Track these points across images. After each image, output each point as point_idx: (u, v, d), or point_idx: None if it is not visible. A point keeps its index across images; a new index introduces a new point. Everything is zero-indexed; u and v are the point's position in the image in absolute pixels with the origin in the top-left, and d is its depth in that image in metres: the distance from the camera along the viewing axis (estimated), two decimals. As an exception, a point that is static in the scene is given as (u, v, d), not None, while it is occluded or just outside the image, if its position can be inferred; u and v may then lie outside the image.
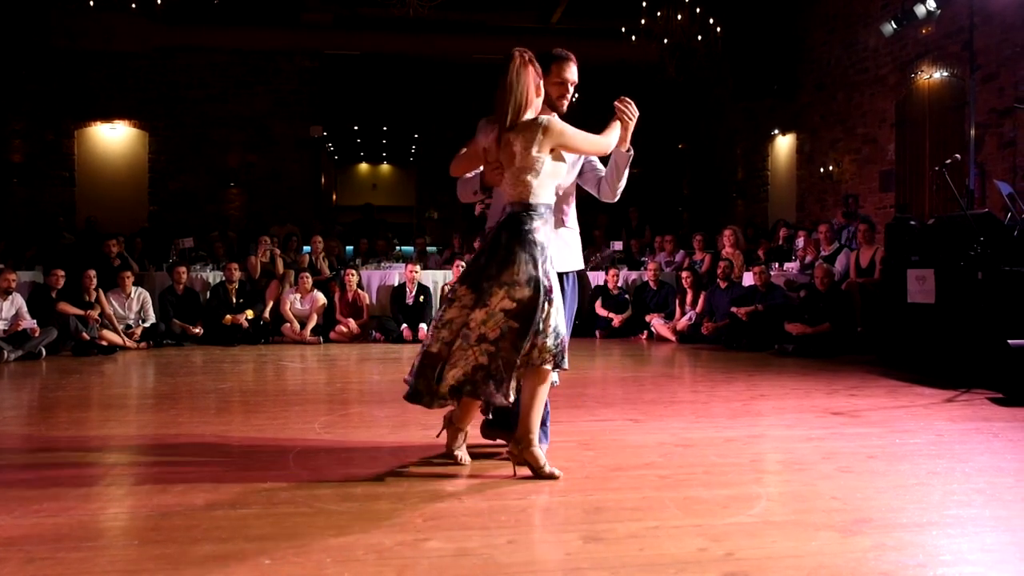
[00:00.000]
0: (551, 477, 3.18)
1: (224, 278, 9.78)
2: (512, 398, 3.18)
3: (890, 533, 2.58)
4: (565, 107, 3.46)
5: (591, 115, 3.70)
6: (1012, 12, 8.46)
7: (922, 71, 9.95)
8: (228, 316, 9.35)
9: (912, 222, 7.40)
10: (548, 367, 3.20)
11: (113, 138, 14.68)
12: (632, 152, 3.52)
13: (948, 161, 6.73)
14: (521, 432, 3.22)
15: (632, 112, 3.46)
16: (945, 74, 9.62)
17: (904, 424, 4.40)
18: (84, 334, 8.33)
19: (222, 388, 5.97)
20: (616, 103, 3.46)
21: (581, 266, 3.66)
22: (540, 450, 3.26)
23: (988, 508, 2.86)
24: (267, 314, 9.73)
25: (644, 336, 9.92)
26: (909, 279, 6.75)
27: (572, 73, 3.47)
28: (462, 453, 3.49)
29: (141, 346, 8.88)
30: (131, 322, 9.08)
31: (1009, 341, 5.29)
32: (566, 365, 3.23)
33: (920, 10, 9.00)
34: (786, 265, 9.86)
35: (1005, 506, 2.88)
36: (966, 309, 6.08)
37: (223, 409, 5.04)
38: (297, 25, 14.38)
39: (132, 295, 9.17)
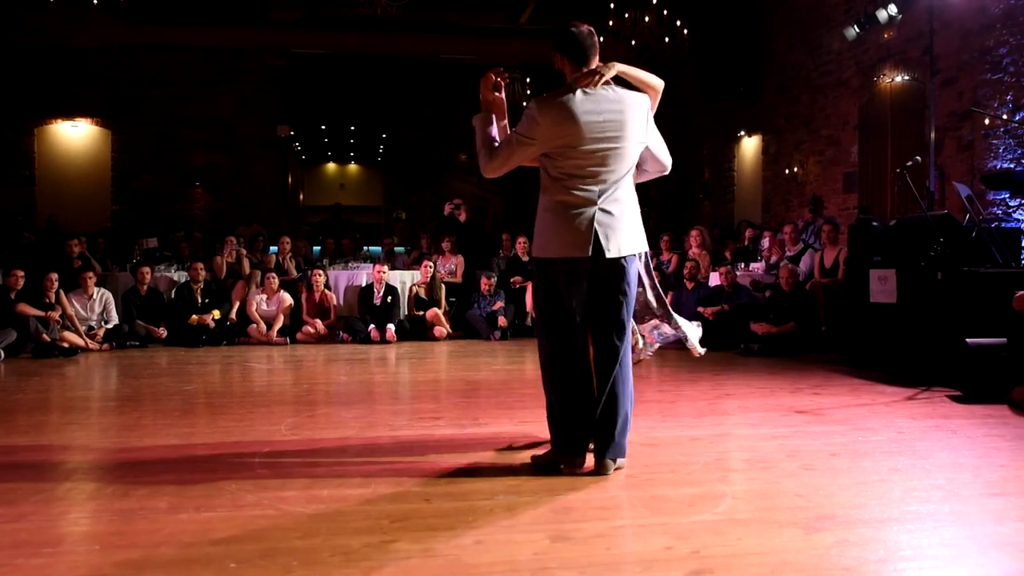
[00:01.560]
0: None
1: (189, 278, 9.68)
2: None
3: (852, 529, 2.62)
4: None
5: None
6: (970, 18, 8.62)
7: (884, 75, 10.10)
8: (193, 317, 9.25)
9: (874, 223, 7.51)
10: None
11: (75, 136, 14.47)
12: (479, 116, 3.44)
13: (909, 163, 6.84)
14: None
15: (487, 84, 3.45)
16: (906, 78, 9.77)
17: (866, 422, 4.46)
18: (44, 336, 8.19)
19: (187, 390, 5.90)
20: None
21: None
22: None
23: (947, 504, 2.91)
24: (233, 315, 9.64)
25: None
26: (871, 279, 6.86)
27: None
28: None
29: (104, 348, 8.76)
30: (93, 323, 8.94)
31: (968, 340, 5.39)
32: None
33: (882, 15, 9.14)
34: (752, 265, 9.97)
35: (963, 501, 2.94)
36: (926, 309, 6.18)
37: (188, 411, 4.99)
38: (264, 23, 14.24)
39: (94, 296, 9.04)
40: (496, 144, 3.36)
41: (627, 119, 3.25)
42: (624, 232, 3.27)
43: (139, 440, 4.07)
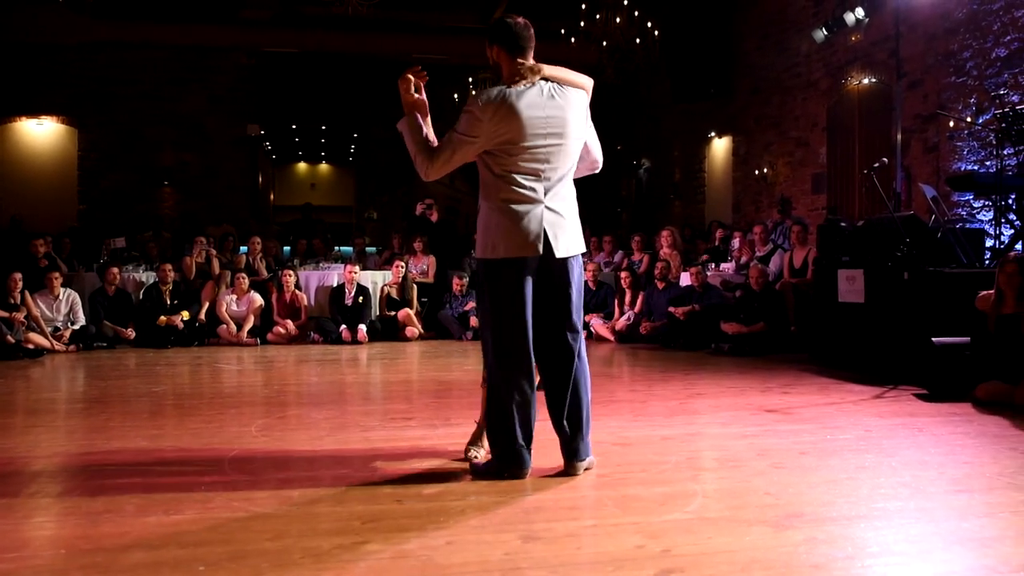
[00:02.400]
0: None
1: (158, 279, 9.57)
2: None
3: (821, 527, 2.65)
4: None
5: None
6: (935, 22, 8.76)
7: (852, 77, 10.23)
8: (162, 318, 9.15)
9: (842, 224, 7.60)
10: None
11: (40, 134, 14.26)
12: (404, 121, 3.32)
13: (876, 165, 6.93)
14: None
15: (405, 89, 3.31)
16: (873, 80, 9.90)
17: (835, 420, 4.51)
18: (9, 337, 8.05)
19: (156, 391, 5.84)
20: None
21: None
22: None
23: (913, 500, 2.95)
24: (202, 315, 9.55)
25: (583, 336, 9.98)
26: (839, 279, 6.93)
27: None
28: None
29: (70, 349, 8.64)
30: (59, 324, 8.82)
31: (933, 339, 5.47)
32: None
33: (850, 18, 9.25)
34: (722, 265, 10.04)
35: (929, 498, 2.98)
36: (893, 308, 6.26)
37: (156, 413, 4.94)
38: (234, 22, 14.12)
39: (60, 296, 8.91)
40: (433, 145, 3.26)
41: (569, 115, 3.20)
42: (570, 231, 3.25)
43: (106, 443, 4.02)
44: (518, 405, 3.20)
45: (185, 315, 9.27)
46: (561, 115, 3.18)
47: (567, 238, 3.23)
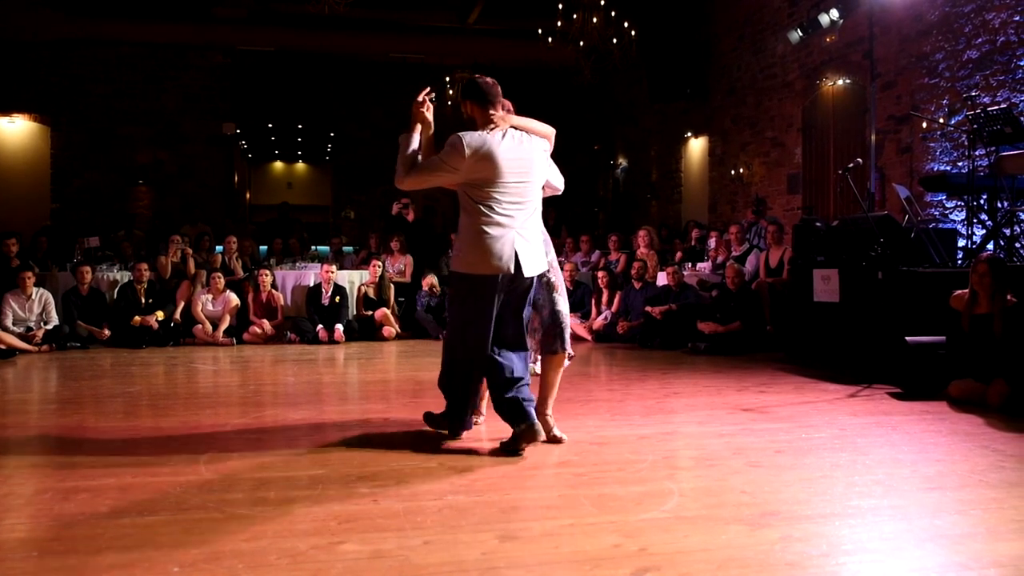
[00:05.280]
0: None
1: (133, 278, 9.48)
2: None
3: (796, 525, 2.67)
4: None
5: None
6: (908, 24, 8.85)
7: (826, 78, 10.31)
8: (137, 317, 9.06)
9: (818, 224, 7.66)
10: None
11: (11, 132, 14.09)
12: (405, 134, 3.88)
13: (850, 165, 6.99)
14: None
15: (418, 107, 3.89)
16: (848, 81, 9.99)
17: (810, 419, 4.55)
18: (-20, 337, 7.96)
19: (130, 392, 5.78)
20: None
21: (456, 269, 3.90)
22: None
23: (887, 498, 2.98)
24: (178, 315, 9.47)
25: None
26: (815, 279, 6.99)
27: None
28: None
29: (43, 349, 8.53)
30: (32, 324, 8.70)
31: (907, 338, 5.53)
32: None
33: (824, 19, 9.32)
34: (699, 265, 10.09)
35: (902, 496, 3.02)
36: (867, 308, 6.32)
37: (131, 413, 4.89)
38: (209, 19, 13.98)
39: (33, 296, 8.80)
40: (417, 161, 3.81)
41: (534, 158, 3.79)
42: (536, 254, 3.80)
43: (79, 443, 3.98)
44: (470, 390, 3.98)
45: (160, 315, 9.18)
46: (528, 157, 3.77)
47: (534, 259, 3.78)
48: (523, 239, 3.72)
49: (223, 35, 14.42)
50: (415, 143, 3.83)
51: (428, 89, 3.92)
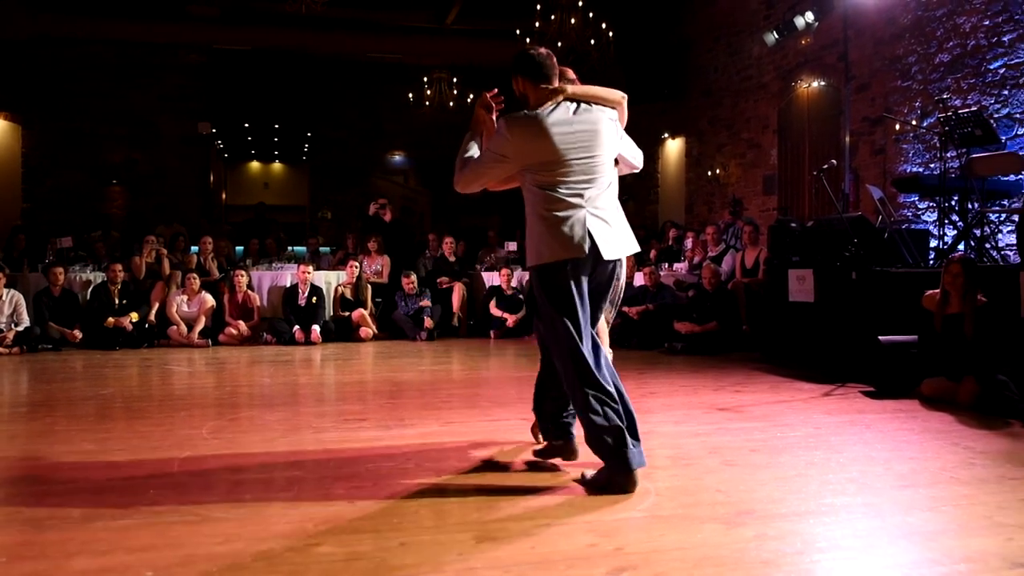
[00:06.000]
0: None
1: (106, 279, 9.38)
2: None
3: (771, 523, 2.69)
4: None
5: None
6: (882, 27, 8.94)
7: (802, 80, 10.39)
8: (110, 319, 8.97)
9: (793, 224, 7.72)
10: None
11: (-19, 131, 13.89)
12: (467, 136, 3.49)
13: (825, 167, 7.05)
14: None
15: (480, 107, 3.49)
16: (823, 83, 10.08)
17: (785, 418, 4.59)
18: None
19: (103, 394, 5.72)
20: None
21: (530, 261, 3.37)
22: None
23: (860, 496, 3.01)
24: (152, 316, 9.38)
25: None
26: (790, 279, 7.04)
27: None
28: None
29: (13, 351, 8.42)
30: (2, 326, 8.58)
31: (880, 337, 5.59)
32: None
33: (799, 22, 9.40)
34: (675, 265, 10.14)
35: (875, 493, 3.05)
36: (842, 307, 6.38)
37: (104, 416, 4.84)
38: (184, 18, 13.87)
39: (4, 297, 8.68)
40: (470, 161, 3.39)
41: (599, 129, 3.29)
42: (617, 234, 3.28)
43: (51, 447, 3.93)
44: (602, 407, 3.15)
45: (134, 316, 9.09)
46: (591, 129, 3.27)
47: (614, 240, 3.26)
48: (597, 218, 3.21)
49: (198, 34, 14.31)
50: (473, 147, 3.41)
51: (496, 91, 3.50)
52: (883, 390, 5.37)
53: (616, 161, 3.52)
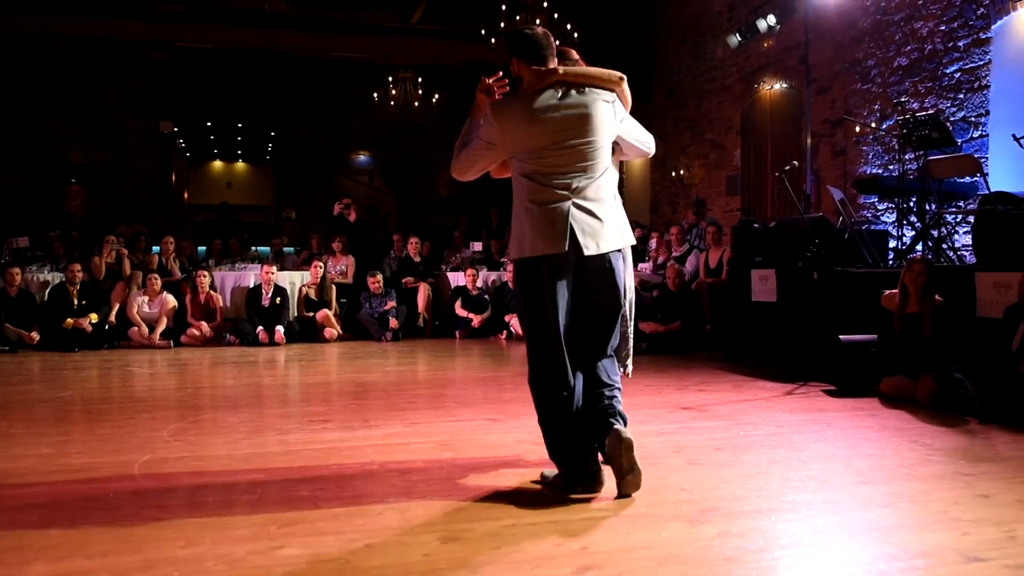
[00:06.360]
0: None
1: (65, 279, 9.22)
2: None
3: (734, 521, 2.72)
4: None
5: (448, 116, 3.70)
6: (842, 31, 9.08)
7: (764, 82, 10.51)
8: (69, 320, 8.81)
9: (756, 225, 7.82)
10: None
11: (-66, 128, 13.59)
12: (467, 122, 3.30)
13: (787, 168, 7.14)
14: None
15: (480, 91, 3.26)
16: (785, 86, 10.20)
17: (748, 417, 4.64)
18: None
19: (61, 396, 5.62)
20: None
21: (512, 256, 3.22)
22: None
23: (820, 493, 3.05)
24: (112, 317, 9.24)
25: (504, 336, 10.02)
26: (753, 279, 7.12)
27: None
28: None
29: (-31, 353, 8.26)
30: (-42, 328, 8.42)
31: (840, 337, 5.67)
32: None
33: (762, 25, 9.52)
34: (639, 266, 10.19)
35: (835, 490, 3.09)
36: (803, 307, 6.47)
37: (62, 419, 4.76)
38: (146, 15, 13.66)
39: (-41, 298, 8.51)
40: (465, 146, 3.24)
41: (591, 113, 3.08)
42: (601, 228, 3.07)
43: (6, 450, 3.85)
44: (560, 415, 3.07)
45: (94, 317, 8.94)
46: (584, 113, 3.07)
47: (600, 234, 3.06)
48: (583, 210, 3.02)
49: (160, 31, 14.08)
50: (470, 130, 3.22)
51: (499, 74, 3.26)
52: (844, 388, 5.45)
53: (616, 147, 3.34)
